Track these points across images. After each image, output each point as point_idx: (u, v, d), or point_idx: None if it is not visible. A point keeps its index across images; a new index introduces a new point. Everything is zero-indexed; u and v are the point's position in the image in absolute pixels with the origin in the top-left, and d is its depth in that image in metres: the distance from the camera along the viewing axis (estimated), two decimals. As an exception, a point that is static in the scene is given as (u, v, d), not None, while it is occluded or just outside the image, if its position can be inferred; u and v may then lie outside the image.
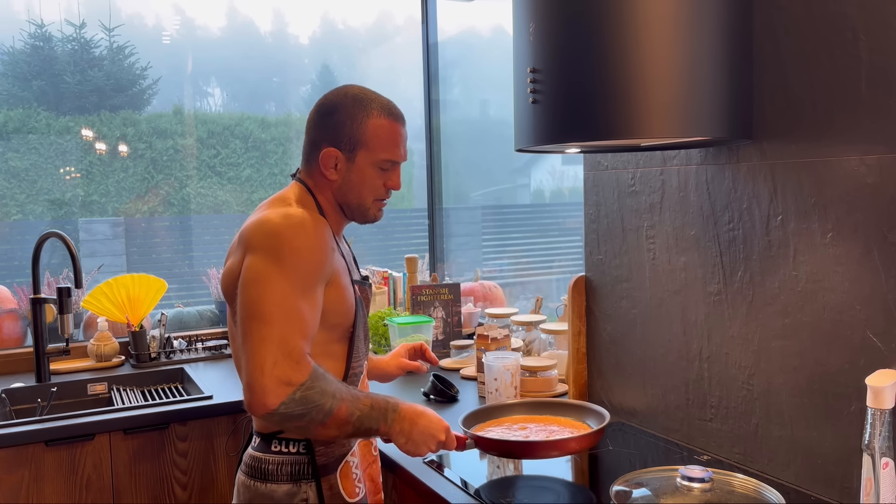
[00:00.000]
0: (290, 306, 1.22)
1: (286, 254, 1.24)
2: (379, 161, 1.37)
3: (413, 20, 3.33)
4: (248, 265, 1.25)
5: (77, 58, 2.87)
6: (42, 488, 1.89)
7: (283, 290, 1.22)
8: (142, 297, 2.56)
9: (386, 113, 1.38)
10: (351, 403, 1.26)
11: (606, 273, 1.90)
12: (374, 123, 1.36)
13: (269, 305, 1.21)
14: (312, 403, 1.21)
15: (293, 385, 1.19)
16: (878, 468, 1.17)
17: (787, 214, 1.41)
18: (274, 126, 3.24)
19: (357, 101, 1.37)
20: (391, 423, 1.31)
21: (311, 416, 1.21)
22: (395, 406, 1.32)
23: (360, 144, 1.36)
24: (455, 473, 1.53)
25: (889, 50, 1.22)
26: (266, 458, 1.36)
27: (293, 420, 1.21)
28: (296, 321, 1.22)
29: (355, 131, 1.36)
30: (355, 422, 1.26)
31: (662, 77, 1.29)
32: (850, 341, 1.31)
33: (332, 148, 1.37)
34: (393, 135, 1.38)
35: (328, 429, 1.25)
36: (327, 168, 1.38)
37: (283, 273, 1.23)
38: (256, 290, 1.23)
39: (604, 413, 1.53)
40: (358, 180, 1.38)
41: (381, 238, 3.43)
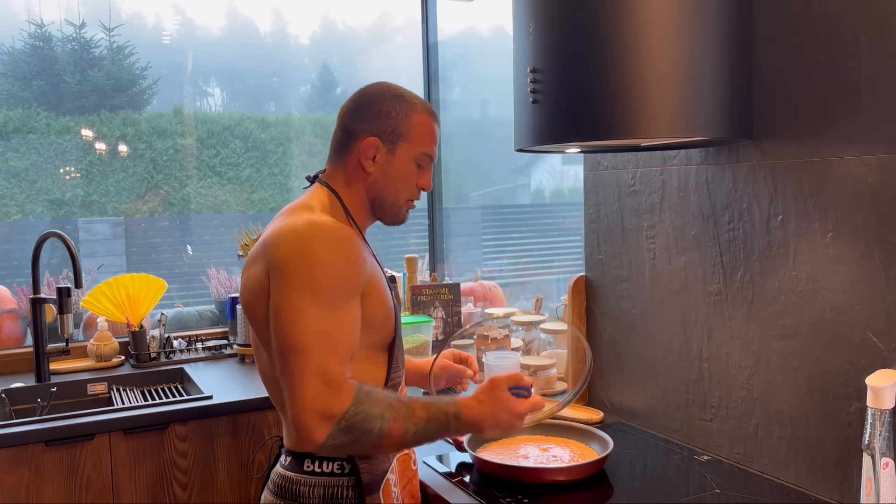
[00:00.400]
0: (325, 331, 1.17)
1: (316, 272, 1.18)
2: (418, 155, 1.34)
3: (413, 20, 3.33)
4: (277, 291, 1.19)
5: (77, 58, 2.87)
6: (42, 488, 1.89)
7: (317, 314, 1.17)
8: (142, 297, 2.56)
9: (427, 110, 1.37)
10: (405, 420, 1.20)
11: (606, 273, 1.90)
12: (417, 118, 1.34)
13: (303, 335, 1.16)
14: (359, 430, 1.16)
15: (335, 417, 1.14)
16: (879, 468, 1.17)
17: (787, 214, 1.41)
18: (274, 126, 3.23)
19: (400, 97, 1.35)
20: (455, 430, 1.26)
21: (363, 442, 1.17)
22: (457, 415, 1.25)
23: (402, 136, 1.32)
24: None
25: (889, 50, 1.22)
26: (297, 478, 1.29)
27: (346, 449, 1.19)
28: (333, 345, 1.17)
29: (399, 123, 1.32)
30: (413, 437, 1.21)
31: (662, 77, 1.29)
32: (850, 341, 1.31)
33: (374, 138, 1.32)
34: (432, 131, 1.36)
35: (385, 449, 1.22)
36: (366, 158, 1.32)
37: (314, 295, 1.17)
38: (289, 319, 1.17)
39: (608, 440, 1.55)
40: (396, 174, 1.34)
41: (381, 238, 3.43)
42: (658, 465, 1.58)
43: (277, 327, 1.18)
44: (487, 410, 1.27)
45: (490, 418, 1.27)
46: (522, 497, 1.39)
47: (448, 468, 1.56)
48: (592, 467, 1.47)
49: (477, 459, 1.51)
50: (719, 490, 1.43)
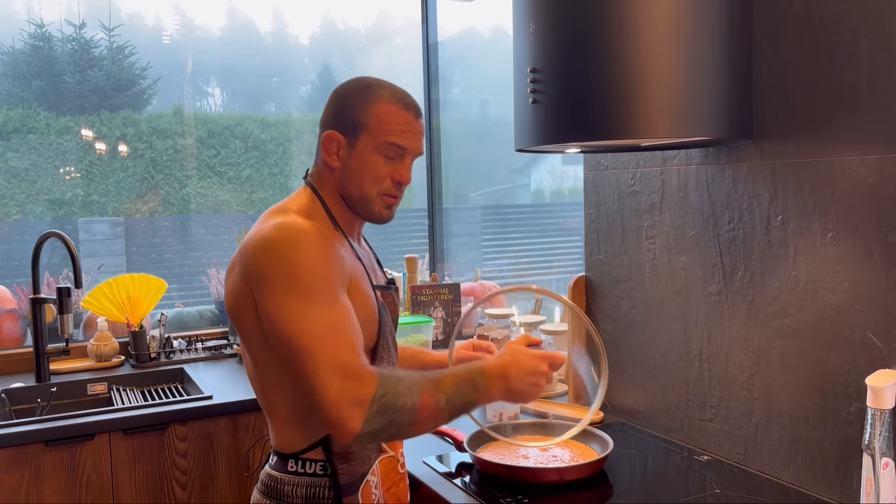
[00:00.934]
0: (325, 325, 1.17)
1: (295, 273, 1.17)
2: (380, 145, 1.28)
3: (413, 20, 3.33)
4: (265, 301, 1.19)
5: (77, 58, 2.87)
6: (42, 488, 1.89)
7: (310, 313, 1.16)
8: (142, 297, 2.56)
9: (395, 98, 1.30)
10: (433, 391, 1.20)
11: (606, 273, 1.90)
12: (380, 107, 1.28)
13: (304, 337, 1.15)
14: (393, 409, 1.16)
15: (364, 402, 1.14)
16: (879, 468, 1.17)
17: (787, 214, 1.41)
18: (274, 126, 3.23)
19: (366, 87, 1.30)
20: (484, 388, 1.25)
21: (399, 422, 1.17)
22: (481, 370, 1.26)
23: (361, 127, 1.28)
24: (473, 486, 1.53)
25: (889, 50, 1.22)
26: (282, 477, 1.30)
27: (383, 433, 1.17)
28: (336, 337, 1.17)
29: (358, 113, 1.28)
30: (446, 406, 1.20)
31: (662, 77, 1.29)
32: (850, 341, 1.31)
33: (333, 131, 1.29)
34: (399, 120, 1.29)
35: (422, 425, 1.20)
36: (329, 153, 1.30)
37: (301, 296, 1.17)
38: (285, 325, 1.17)
39: (608, 441, 1.55)
40: (358, 167, 1.29)
41: (381, 238, 3.43)
42: (658, 465, 1.58)
43: (277, 336, 1.18)
44: (509, 358, 1.29)
45: (514, 364, 1.28)
46: (522, 497, 1.39)
47: (448, 468, 1.56)
48: (592, 467, 1.47)
49: (477, 459, 1.51)
50: (719, 490, 1.43)
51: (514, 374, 1.27)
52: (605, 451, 1.49)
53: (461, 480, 1.50)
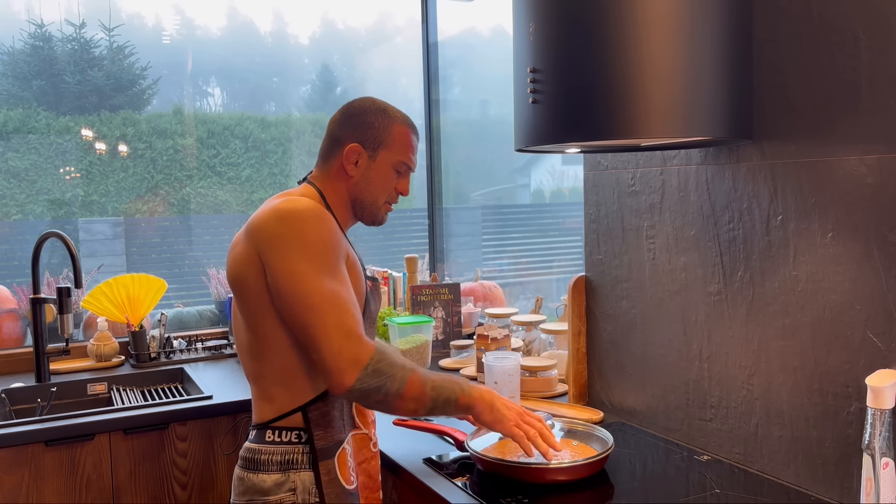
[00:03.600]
0: (331, 292, 1.29)
1: (308, 240, 1.31)
2: (396, 162, 1.49)
3: (413, 20, 3.33)
4: (277, 264, 1.31)
5: (77, 58, 2.87)
6: (42, 488, 1.89)
7: (320, 278, 1.29)
8: (142, 297, 2.56)
9: (406, 123, 1.52)
10: (422, 373, 1.34)
11: (606, 273, 1.90)
12: (397, 129, 1.49)
13: (315, 297, 1.28)
14: (385, 374, 1.29)
15: (362, 362, 1.27)
16: (879, 468, 1.17)
17: (787, 214, 1.41)
18: (274, 126, 3.23)
19: (383, 110, 1.50)
20: (469, 391, 1.40)
21: (387, 388, 1.29)
22: (464, 379, 1.42)
23: (383, 145, 1.47)
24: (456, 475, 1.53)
25: (889, 50, 1.22)
26: (259, 448, 1.40)
27: (371, 394, 1.29)
28: (342, 304, 1.30)
29: (381, 133, 1.47)
30: (431, 392, 1.34)
31: (662, 77, 1.29)
32: (850, 341, 1.31)
33: (357, 144, 1.46)
34: (410, 142, 1.51)
35: (406, 401, 1.32)
36: (349, 162, 1.46)
37: (311, 262, 1.30)
38: (297, 286, 1.29)
39: (607, 439, 1.54)
40: (376, 178, 1.48)
41: (381, 238, 3.44)
42: (658, 465, 1.58)
43: (288, 294, 1.30)
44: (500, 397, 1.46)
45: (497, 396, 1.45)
46: (522, 497, 1.39)
47: (448, 468, 1.56)
48: (592, 467, 1.47)
49: (477, 458, 1.51)
50: (719, 490, 1.43)
51: (498, 398, 1.45)
52: (605, 451, 1.49)
53: (461, 480, 1.50)
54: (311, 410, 1.40)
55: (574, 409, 1.91)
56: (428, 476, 1.53)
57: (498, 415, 1.42)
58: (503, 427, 1.42)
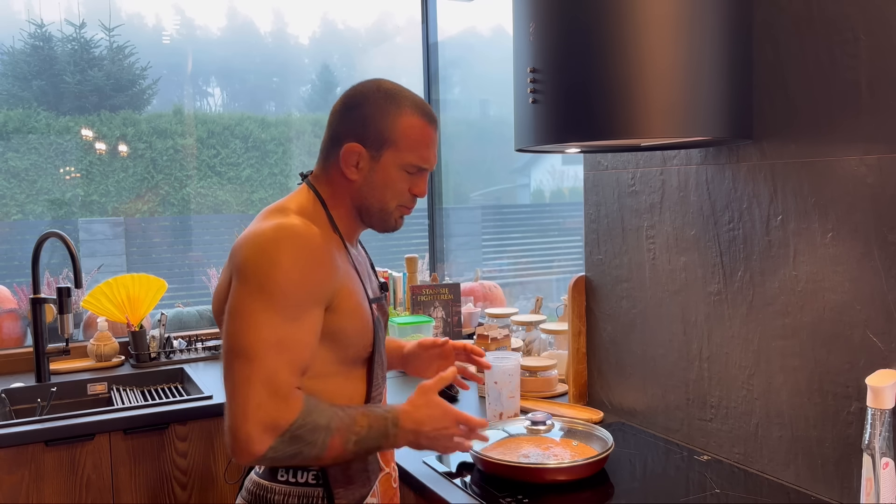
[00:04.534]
0: (278, 338, 1.10)
1: (274, 277, 1.11)
2: (406, 164, 1.23)
3: (413, 20, 3.33)
4: (233, 292, 1.14)
5: (77, 58, 2.87)
6: (42, 488, 1.89)
7: (270, 319, 1.10)
8: (142, 297, 2.56)
9: (420, 112, 1.24)
10: (346, 431, 1.16)
11: (606, 273, 1.90)
12: (406, 122, 1.22)
13: (252, 340, 1.09)
14: (303, 442, 1.12)
15: (280, 428, 1.09)
16: (879, 468, 1.17)
17: (787, 214, 1.41)
18: (274, 126, 3.23)
19: (388, 96, 1.23)
20: (394, 438, 1.21)
21: (304, 454, 1.13)
22: (395, 419, 1.21)
23: (387, 143, 1.22)
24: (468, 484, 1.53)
25: (889, 50, 1.22)
26: (271, 486, 1.24)
27: (283, 461, 1.13)
28: (283, 353, 1.11)
29: (384, 128, 1.21)
30: (353, 448, 1.17)
31: (662, 77, 1.29)
32: (850, 341, 1.31)
33: (356, 143, 1.22)
34: (425, 137, 1.24)
35: (323, 461, 1.17)
36: (348, 166, 1.23)
37: (269, 300, 1.11)
38: (239, 322, 1.11)
39: (607, 439, 1.54)
40: (381, 182, 1.24)
41: (381, 238, 3.43)
42: (658, 465, 1.58)
43: (228, 330, 1.13)
44: (424, 414, 1.23)
45: (427, 422, 1.23)
46: (522, 497, 1.39)
47: (448, 468, 1.56)
48: (593, 467, 1.47)
49: (478, 458, 1.51)
50: (719, 490, 1.43)
51: (425, 432, 1.23)
52: (605, 451, 1.49)
53: (461, 480, 1.50)
54: (329, 467, 1.22)
55: (574, 409, 1.91)
56: (428, 476, 1.53)
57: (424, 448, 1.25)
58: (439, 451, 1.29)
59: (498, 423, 1.68)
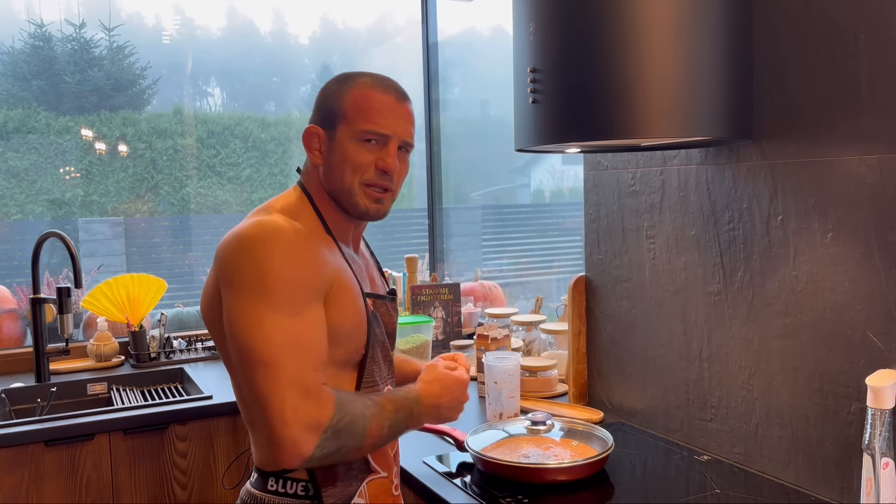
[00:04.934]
0: (290, 338, 1.09)
1: (266, 277, 1.10)
2: (357, 132, 1.20)
3: (413, 20, 3.33)
4: (231, 304, 1.11)
5: (77, 58, 2.87)
6: (42, 488, 1.89)
7: (277, 322, 1.09)
8: (141, 297, 2.56)
9: (372, 82, 1.23)
10: (378, 417, 1.18)
11: (606, 273, 1.90)
12: (355, 93, 1.22)
13: (266, 346, 1.08)
14: (346, 434, 1.12)
15: (322, 426, 1.09)
16: (879, 468, 1.17)
17: (787, 214, 1.41)
18: (274, 126, 3.23)
19: (346, 78, 1.25)
20: (418, 416, 1.26)
21: (348, 447, 1.13)
22: (416, 398, 1.26)
23: (339, 117, 1.21)
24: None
25: (889, 50, 1.22)
26: (263, 497, 1.23)
27: (331, 458, 1.13)
28: (302, 352, 1.10)
29: (334, 104, 1.22)
30: (387, 432, 1.20)
31: (662, 77, 1.29)
32: (850, 341, 1.31)
33: (313, 125, 1.24)
34: (374, 102, 1.21)
35: (364, 451, 1.19)
36: (311, 150, 1.25)
37: (269, 302, 1.09)
38: (248, 332, 1.09)
39: (607, 439, 1.54)
40: (339, 159, 1.22)
41: (381, 238, 3.43)
42: (658, 465, 1.58)
43: (237, 342, 1.10)
44: (439, 387, 1.30)
45: (444, 394, 1.30)
46: (522, 497, 1.39)
47: (448, 468, 1.56)
48: (593, 467, 1.47)
49: (478, 458, 1.51)
50: (719, 490, 1.43)
51: (445, 404, 1.31)
52: (605, 451, 1.49)
53: (461, 480, 1.50)
54: (316, 468, 1.22)
55: (574, 409, 1.91)
56: (428, 476, 1.53)
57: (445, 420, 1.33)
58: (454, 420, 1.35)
59: (498, 423, 1.68)
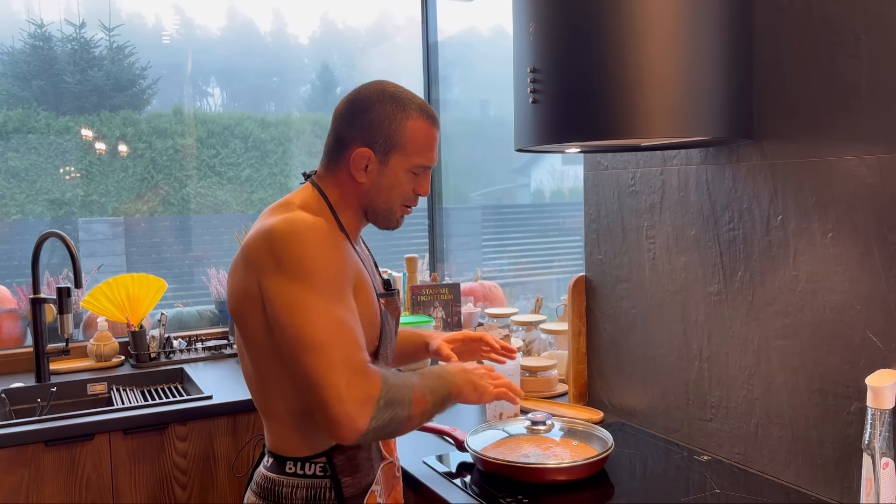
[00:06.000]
0: (335, 322, 1.15)
1: (308, 266, 1.16)
2: (413, 166, 1.29)
3: (413, 20, 3.33)
4: (275, 293, 1.16)
5: (77, 58, 2.87)
6: (42, 488, 1.89)
7: (322, 307, 1.15)
8: (141, 297, 2.56)
9: (425, 115, 1.30)
10: (420, 387, 1.23)
11: (606, 273, 1.90)
12: (413, 126, 1.27)
13: (317, 330, 1.14)
14: (396, 404, 1.17)
15: (374, 398, 1.14)
16: (879, 468, 1.17)
17: (787, 214, 1.41)
18: (274, 126, 3.23)
19: (395, 101, 1.28)
20: (454, 381, 1.30)
21: (398, 416, 1.18)
22: (442, 369, 1.33)
23: (395, 147, 1.27)
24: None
25: (889, 50, 1.22)
26: (280, 479, 1.27)
27: (386, 428, 1.17)
28: (347, 334, 1.16)
29: (392, 132, 1.26)
30: (431, 398, 1.24)
31: (662, 77, 1.29)
32: (850, 341, 1.31)
33: (366, 148, 1.27)
34: (429, 139, 1.30)
35: (414, 420, 1.22)
36: (357, 170, 1.28)
37: (313, 289, 1.15)
38: (296, 318, 1.14)
39: (607, 439, 1.54)
40: (389, 184, 1.29)
41: (381, 238, 3.43)
42: (658, 465, 1.58)
43: (286, 329, 1.16)
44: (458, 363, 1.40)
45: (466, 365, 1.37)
46: (522, 497, 1.39)
47: (448, 468, 1.56)
48: (593, 467, 1.47)
49: (477, 458, 1.51)
50: (719, 490, 1.43)
51: (472, 373, 1.35)
52: (605, 451, 1.49)
53: (461, 480, 1.50)
54: (335, 455, 1.26)
55: (574, 409, 1.91)
56: (428, 476, 1.53)
57: (480, 389, 1.34)
58: (488, 397, 1.36)
59: (498, 423, 1.68)
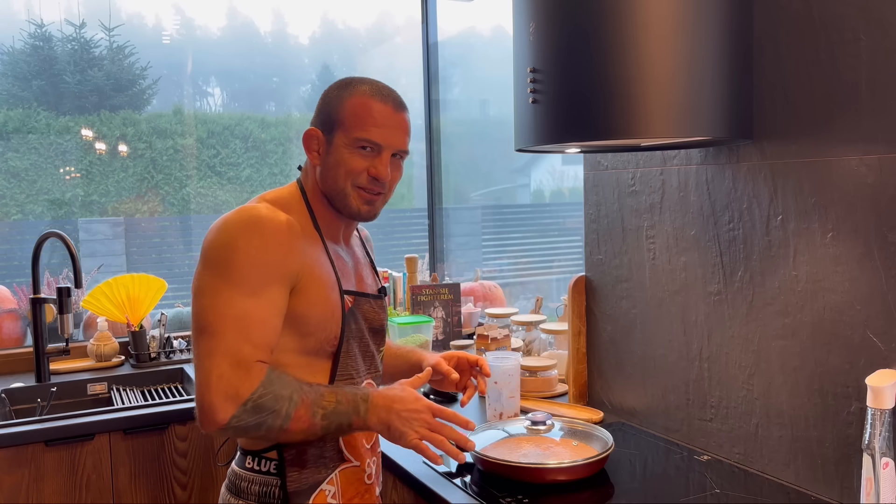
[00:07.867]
0: (237, 313, 1.17)
1: (231, 256, 1.19)
2: (353, 140, 1.27)
3: (413, 20, 3.33)
4: (196, 276, 1.23)
5: (77, 58, 2.87)
6: (42, 488, 1.89)
7: (229, 296, 1.17)
8: (142, 297, 2.56)
9: (371, 93, 1.29)
10: (312, 404, 1.20)
11: (606, 273, 1.90)
12: (354, 101, 1.29)
13: (214, 315, 1.17)
14: (266, 411, 1.16)
15: (241, 397, 1.15)
16: (879, 468, 1.17)
17: (787, 214, 1.41)
18: (274, 126, 3.23)
19: (347, 84, 1.32)
20: (364, 414, 1.24)
21: (268, 424, 1.17)
22: (366, 396, 1.25)
23: (337, 123, 1.29)
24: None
25: (889, 50, 1.22)
26: (242, 473, 1.32)
27: (249, 431, 1.18)
28: (245, 328, 1.17)
29: (334, 109, 1.30)
30: (321, 421, 1.21)
31: (662, 77, 1.29)
32: (850, 341, 1.31)
33: (314, 128, 1.32)
34: (372, 113, 1.28)
35: (291, 434, 1.21)
36: (310, 151, 1.33)
37: (227, 278, 1.18)
38: (201, 300, 1.20)
39: (607, 439, 1.54)
40: (334, 162, 1.29)
41: (381, 238, 3.43)
42: (658, 465, 1.58)
43: (193, 310, 1.21)
44: (396, 394, 1.28)
45: (399, 402, 1.26)
46: (522, 497, 1.39)
47: (448, 468, 1.56)
48: (593, 467, 1.47)
49: (477, 458, 1.51)
50: (719, 490, 1.43)
51: (397, 410, 1.26)
52: (605, 451, 1.49)
53: (461, 480, 1.50)
54: (285, 449, 1.28)
55: (574, 409, 1.91)
56: (428, 476, 1.53)
57: (396, 433, 1.26)
58: (404, 443, 1.27)
59: (498, 423, 1.68)
